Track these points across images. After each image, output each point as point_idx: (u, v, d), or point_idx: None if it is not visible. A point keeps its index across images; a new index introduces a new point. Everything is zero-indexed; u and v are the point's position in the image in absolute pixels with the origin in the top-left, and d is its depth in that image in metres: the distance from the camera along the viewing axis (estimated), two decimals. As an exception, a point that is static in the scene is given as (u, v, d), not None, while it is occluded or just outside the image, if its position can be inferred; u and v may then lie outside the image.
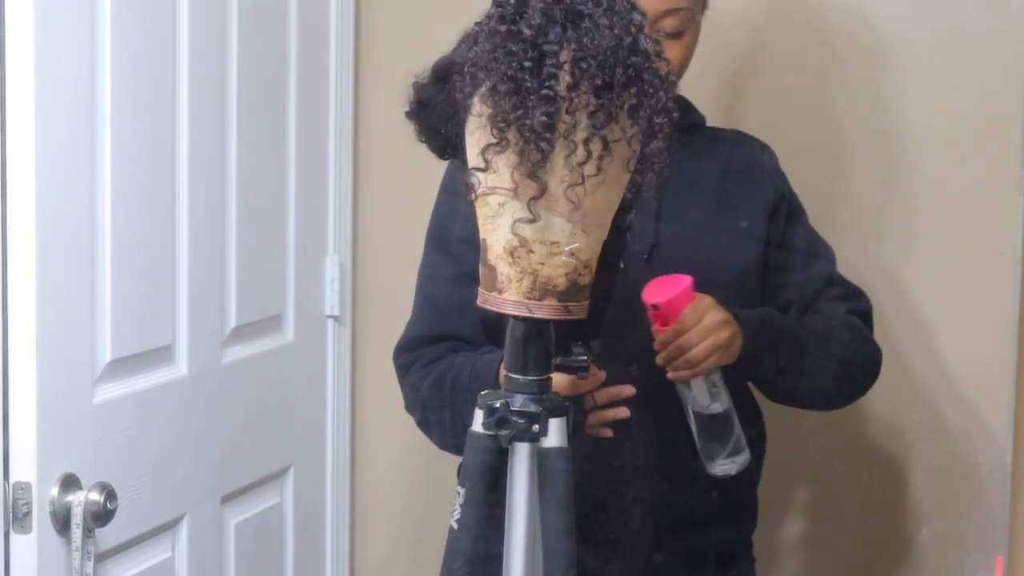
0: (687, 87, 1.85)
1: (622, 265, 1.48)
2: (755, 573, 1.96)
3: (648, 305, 1.67)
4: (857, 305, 1.89)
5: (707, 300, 1.67)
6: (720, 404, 1.72)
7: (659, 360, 1.68)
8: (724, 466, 1.74)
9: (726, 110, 2.26)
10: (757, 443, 1.87)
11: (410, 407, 1.86)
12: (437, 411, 1.78)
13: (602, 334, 1.49)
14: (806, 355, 1.78)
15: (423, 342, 1.85)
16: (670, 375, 1.68)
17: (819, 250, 1.92)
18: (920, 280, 2.23)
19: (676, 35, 1.75)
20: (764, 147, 1.93)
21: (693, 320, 1.65)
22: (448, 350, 1.82)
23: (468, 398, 1.69)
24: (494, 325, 1.56)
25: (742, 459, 1.74)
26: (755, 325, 1.72)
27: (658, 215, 1.76)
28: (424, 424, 1.83)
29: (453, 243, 1.82)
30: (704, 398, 1.71)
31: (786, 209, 1.88)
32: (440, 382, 1.77)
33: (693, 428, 1.73)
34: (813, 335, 1.80)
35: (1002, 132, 2.11)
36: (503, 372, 1.51)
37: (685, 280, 1.67)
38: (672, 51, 1.71)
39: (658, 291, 1.67)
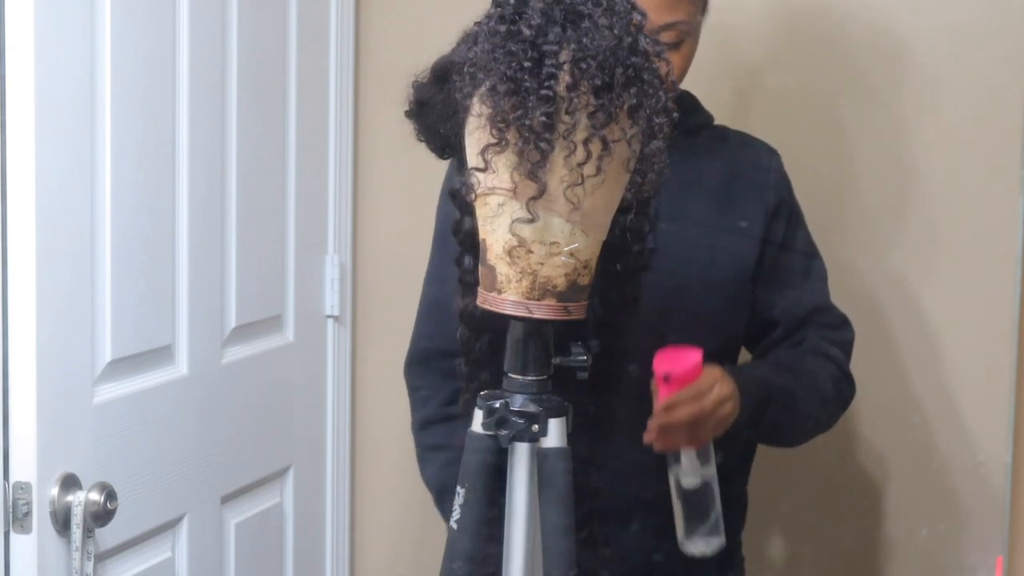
0: (696, 87, 1.85)
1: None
2: (744, 571, 1.96)
3: (659, 376, 1.65)
4: (840, 336, 1.90)
5: (717, 372, 1.66)
6: (707, 474, 1.70)
7: (652, 427, 1.64)
8: (699, 546, 1.72)
9: (729, 112, 2.26)
10: (747, 443, 1.88)
11: (420, 467, 1.89)
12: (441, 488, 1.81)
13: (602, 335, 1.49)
14: (789, 410, 1.79)
15: (433, 356, 1.84)
16: (660, 446, 1.65)
17: (813, 266, 1.91)
18: (920, 280, 2.22)
19: (674, 46, 1.73)
20: (772, 152, 1.91)
21: (706, 388, 1.64)
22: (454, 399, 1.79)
23: None
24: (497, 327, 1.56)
25: (717, 542, 1.72)
26: (751, 391, 1.72)
27: (657, 216, 1.76)
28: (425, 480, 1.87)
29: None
30: (691, 467, 1.69)
31: (786, 214, 1.88)
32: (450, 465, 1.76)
33: (675, 502, 1.72)
34: (797, 384, 1.80)
35: (1002, 132, 2.11)
36: None
37: (696, 354, 1.66)
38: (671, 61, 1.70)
39: (669, 362, 1.66)
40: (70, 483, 1.67)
